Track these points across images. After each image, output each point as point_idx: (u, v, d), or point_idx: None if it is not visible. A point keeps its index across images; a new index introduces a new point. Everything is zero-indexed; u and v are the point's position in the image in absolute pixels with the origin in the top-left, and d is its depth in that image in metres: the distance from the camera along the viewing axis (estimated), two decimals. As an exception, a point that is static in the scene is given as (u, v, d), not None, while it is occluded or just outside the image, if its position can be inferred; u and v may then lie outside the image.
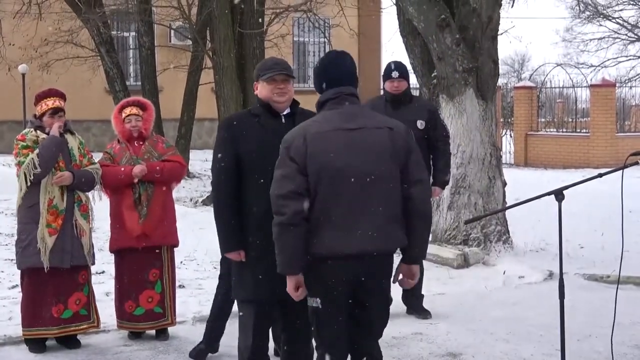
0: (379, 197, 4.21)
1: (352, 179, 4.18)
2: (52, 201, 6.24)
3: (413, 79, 9.09)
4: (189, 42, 19.35)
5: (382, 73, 7.69)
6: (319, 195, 4.17)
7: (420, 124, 7.28)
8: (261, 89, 4.79)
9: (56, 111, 6.35)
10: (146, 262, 6.58)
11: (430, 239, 9.53)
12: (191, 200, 15.21)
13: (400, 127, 4.37)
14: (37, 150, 6.21)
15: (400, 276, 4.43)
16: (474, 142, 9.93)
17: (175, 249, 6.84)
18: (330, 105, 4.33)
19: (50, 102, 6.36)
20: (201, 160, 20.25)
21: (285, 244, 4.17)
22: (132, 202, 6.54)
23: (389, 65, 7.45)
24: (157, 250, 6.60)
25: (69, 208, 6.30)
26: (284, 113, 4.77)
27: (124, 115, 6.69)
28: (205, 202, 14.44)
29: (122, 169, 6.53)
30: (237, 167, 4.69)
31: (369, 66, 25.81)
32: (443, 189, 7.61)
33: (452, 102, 9.93)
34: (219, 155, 4.76)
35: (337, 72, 4.37)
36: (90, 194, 6.52)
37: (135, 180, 6.51)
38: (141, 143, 6.69)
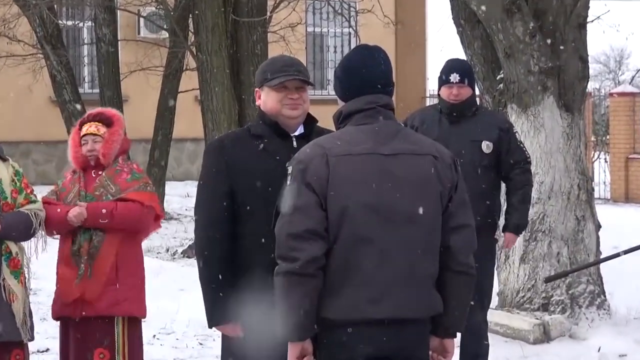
0: (419, 245, 4.26)
1: (387, 221, 4.21)
2: None
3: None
4: (165, 34, 19.49)
5: (426, 75, 7.70)
6: (341, 239, 4.19)
7: (487, 147, 7.28)
8: (266, 99, 4.81)
9: None
10: (90, 338, 6.46)
11: (496, 303, 9.63)
12: (167, 250, 15.25)
13: (445, 155, 4.42)
14: None
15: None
16: (556, 170, 9.92)
17: (147, 319, 6.78)
18: (358, 119, 4.37)
19: None
20: (181, 196, 20.31)
21: (293, 300, 4.17)
22: (69, 255, 6.47)
23: (447, 64, 7.45)
24: (106, 323, 6.46)
25: None
26: (296, 133, 4.80)
27: (82, 134, 6.60)
28: (186, 253, 14.46)
29: (58, 209, 6.44)
30: (231, 208, 4.70)
31: (410, 66, 25.88)
32: (518, 235, 7.59)
33: (524, 115, 9.93)
34: (206, 192, 4.77)
35: (368, 75, 4.40)
36: (26, 244, 6.39)
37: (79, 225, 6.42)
38: (99, 173, 6.59)
